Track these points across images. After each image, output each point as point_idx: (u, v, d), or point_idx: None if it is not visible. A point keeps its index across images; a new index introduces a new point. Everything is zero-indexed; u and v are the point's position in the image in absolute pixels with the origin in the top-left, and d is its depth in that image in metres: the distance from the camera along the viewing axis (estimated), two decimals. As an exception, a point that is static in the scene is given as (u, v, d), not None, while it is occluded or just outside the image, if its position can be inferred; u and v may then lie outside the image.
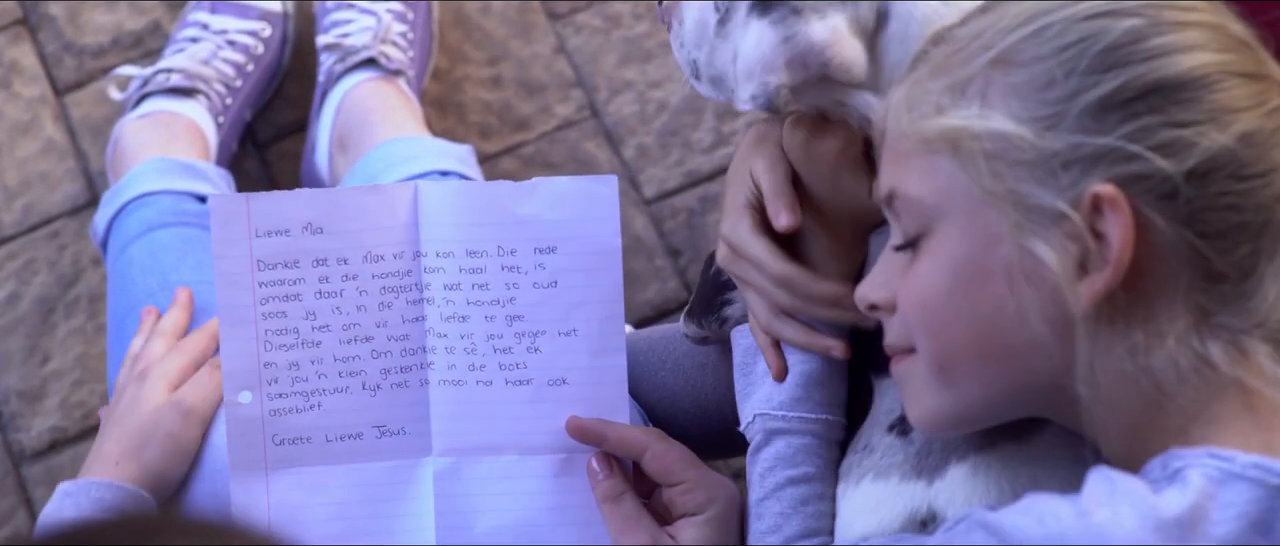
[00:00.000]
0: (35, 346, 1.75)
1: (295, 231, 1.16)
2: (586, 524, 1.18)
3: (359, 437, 1.18)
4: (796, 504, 1.09)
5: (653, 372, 1.26)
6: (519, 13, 1.85)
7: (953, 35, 0.94)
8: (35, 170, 1.81)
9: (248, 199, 1.16)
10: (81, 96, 1.84)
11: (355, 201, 1.17)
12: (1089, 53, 0.88)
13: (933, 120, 0.91)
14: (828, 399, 1.11)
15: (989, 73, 0.90)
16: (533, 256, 1.17)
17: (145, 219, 1.51)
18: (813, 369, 1.11)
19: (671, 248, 1.76)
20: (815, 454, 1.10)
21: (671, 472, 1.15)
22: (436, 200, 1.17)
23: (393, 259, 1.17)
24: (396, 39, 1.73)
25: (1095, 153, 0.87)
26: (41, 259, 1.78)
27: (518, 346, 1.18)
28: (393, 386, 1.18)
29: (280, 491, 1.18)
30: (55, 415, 1.72)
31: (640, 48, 1.83)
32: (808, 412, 1.11)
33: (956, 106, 0.90)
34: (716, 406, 1.24)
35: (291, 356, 1.17)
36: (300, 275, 1.17)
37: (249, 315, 1.16)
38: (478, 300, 1.17)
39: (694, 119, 1.80)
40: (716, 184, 1.78)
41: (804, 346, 1.11)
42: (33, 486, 1.70)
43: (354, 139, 1.66)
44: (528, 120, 1.81)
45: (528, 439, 1.19)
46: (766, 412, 1.11)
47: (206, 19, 1.76)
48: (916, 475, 1.05)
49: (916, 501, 1.04)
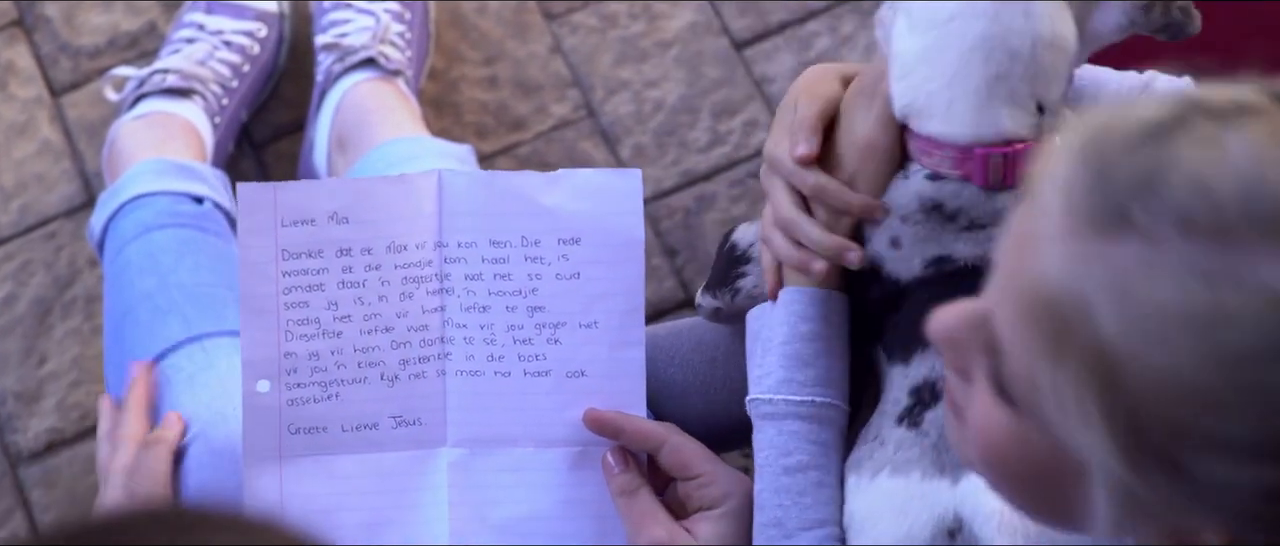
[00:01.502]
0: (32, 348, 1.75)
1: (321, 221, 1.16)
2: (601, 517, 1.18)
3: (375, 428, 1.18)
4: (795, 495, 1.09)
5: (661, 368, 1.26)
6: (515, 12, 1.85)
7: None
8: (31, 171, 1.81)
9: (275, 188, 1.16)
10: (77, 97, 1.84)
11: (381, 191, 1.17)
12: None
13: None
14: (816, 378, 1.10)
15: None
16: (557, 247, 1.17)
17: (142, 220, 1.51)
18: (798, 348, 1.10)
19: (668, 247, 1.76)
20: (807, 440, 1.09)
21: (689, 466, 1.15)
22: (460, 190, 1.17)
23: (415, 249, 1.17)
24: (395, 39, 1.73)
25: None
26: (38, 260, 1.78)
27: (538, 337, 1.18)
28: (411, 377, 1.18)
29: (293, 480, 1.17)
30: (52, 416, 1.72)
31: (636, 47, 1.83)
32: (792, 394, 1.09)
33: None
34: (725, 401, 1.24)
35: (312, 346, 1.17)
36: (324, 265, 1.16)
37: (272, 305, 1.16)
38: (500, 290, 1.18)
39: (690, 118, 1.80)
40: (713, 183, 1.78)
41: (819, 246, 1.09)
42: (30, 488, 1.70)
43: (353, 139, 1.66)
44: (524, 120, 1.81)
45: (544, 431, 1.19)
46: (756, 397, 1.11)
47: (202, 20, 1.75)
48: (938, 471, 1.05)
49: (942, 504, 1.04)
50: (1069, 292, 0.70)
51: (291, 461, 1.17)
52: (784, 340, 1.10)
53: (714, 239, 1.74)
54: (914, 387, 1.08)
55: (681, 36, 1.83)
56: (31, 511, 1.69)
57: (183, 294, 1.40)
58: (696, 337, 1.27)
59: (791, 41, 1.82)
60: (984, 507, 1.02)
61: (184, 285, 1.40)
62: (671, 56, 1.82)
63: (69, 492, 1.69)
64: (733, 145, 1.79)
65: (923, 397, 1.08)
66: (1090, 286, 0.69)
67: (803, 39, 1.82)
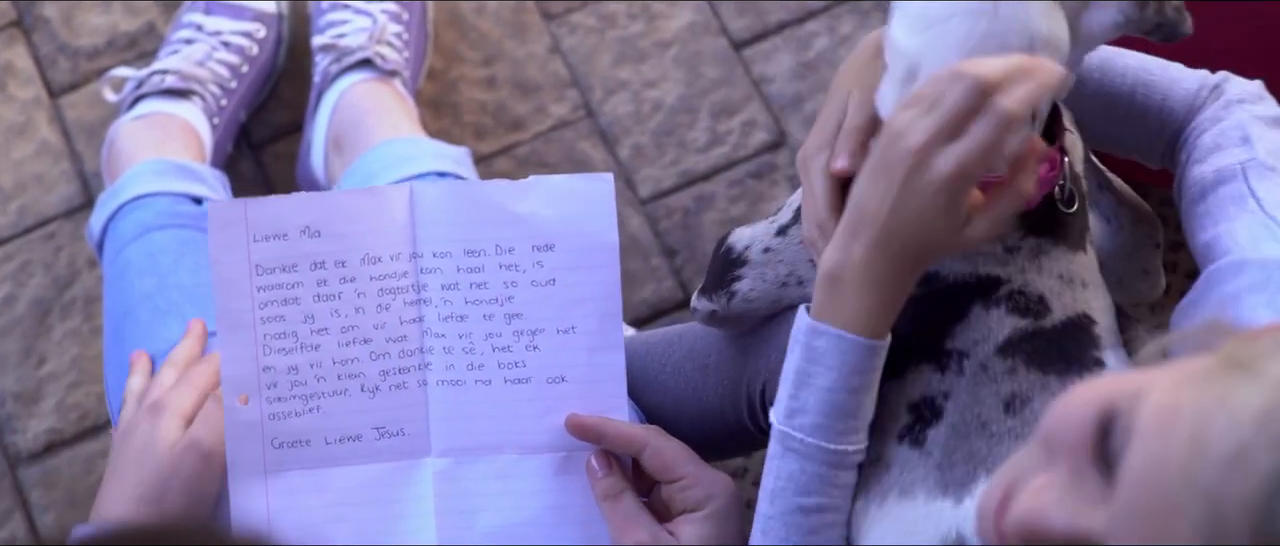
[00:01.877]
0: (31, 348, 1.75)
1: (293, 235, 1.16)
2: (586, 522, 1.19)
3: (358, 439, 1.18)
4: (806, 533, 1.07)
5: (654, 376, 1.26)
6: (514, 13, 1.85)
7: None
8: (30, 172, 1.81)
9: (245, 204, 1.16)
10: (76, 98, 1.84)
11: (352, 204, 1.17)
12: None
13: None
14: (854, 428, 1.06)
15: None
16: (531, 254, 1.18)
17: (141, 221, 1.51)
18: (843, 399, 1.05)
19: (667, 247, 1.76)
20: (830, 483, 1.06)
21: (671, 468, 1.15)
22: (433, 200, 1.17)
23: (390, 260, 1.17)
24: (392, 39, 1.73)
25: None
26: (37, 261, 1.78)
27: (516, 345, 1.18)
28: (391, 388, 1.18)
29: (279, 494, 1.18)
30: (51, 417, 1.72)
31: (635, 47, 1.83)
32: (826, 441, 1.06)
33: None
34: (718, 408, 1.24)
35: (290, 360, 1.17)
36: (298, 279, 1.17)
37: (247, 320, 1.16)
38: (476, 299, 1.18)
39: (689, 118, 1.80)
40: (712, 183, 1.78)
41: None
42: (29, 488, 1.70)
43: (350, 140, 1.66)
44: (523, 120, 1.81)
45: (526, 437, 1.19)
46: (788, 430, 1.07)
47: (201, 20, 1.75)
48: (942, 491, 1.04)
49: (945, 524, 1.03)
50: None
51: (277, 475, 1.18)
52: (829, 386, 1.05)
53: (713, 239, 1.74)
54: (912, 404, 1.08)
55: (680, 36, 1.83)
56: (31, 512, 1.69)
57: (182, 294, 1.40)
58: (689, 344, 1.27)
59: (790, 41, 1.82)
60: None
61: (184, 286, 1.40)
62: (670, 57, 1.82)
63: (68, 493, 1.69)
64: (731, 145, 1.79)
65: (923, 415, 1.07)
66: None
67: (801, 39, 1.82)
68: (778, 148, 1.78)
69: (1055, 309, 1.07)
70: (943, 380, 1.07)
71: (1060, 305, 1.07)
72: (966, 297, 1.07)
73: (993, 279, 1.07)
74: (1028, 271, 1.07)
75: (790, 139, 1.79)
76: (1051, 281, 1.07)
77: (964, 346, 1.07)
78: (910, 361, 1.08)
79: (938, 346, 1.07)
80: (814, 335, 1.04)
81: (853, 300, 1.02)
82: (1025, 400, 1.05)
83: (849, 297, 1.02)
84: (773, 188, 1.77)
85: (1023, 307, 1.07)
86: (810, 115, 1.79)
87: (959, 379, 1.07)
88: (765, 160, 1.78)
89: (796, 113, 1.79)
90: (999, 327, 1.07)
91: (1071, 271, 1.08)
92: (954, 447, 1.05)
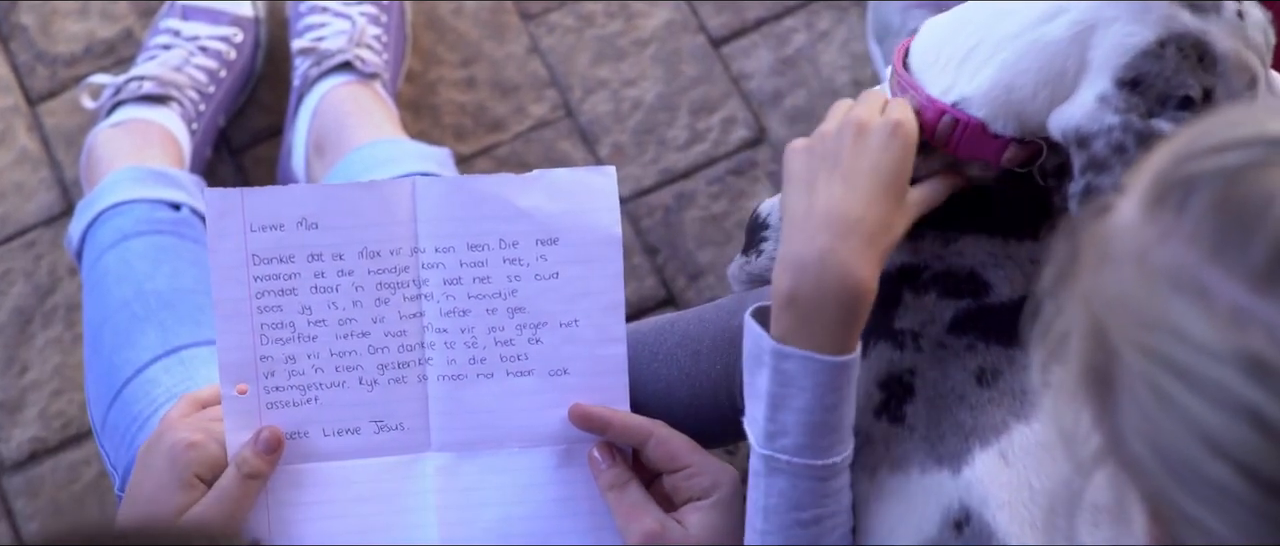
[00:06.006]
0: (13, 357, 1.75)
1: (290, 226, 1.16)
2: (592, 513, 1.19)
3: (356, 432, 1.18)
4: (809, 541, 1.07)
5: (645, 365, 1.26)
6: (492, 13, 1.85)
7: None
8: (10, 180, 1.81)
9: (242, 193, 1.16)
10: (55, 106, 1.83)
11: (351, 197, 1.17)
12: None
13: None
14: (838, 439, 1.05)
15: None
16: (535, 248, 1.18)
17: (119, 228, 1.51)
18: (822, 418, 1.04)
19: (649, 246, 1.76)
20: (823, 495, 1.06)
21: (676, 458, 1.15)
22: (436, 195, 1.17)
23: (389, 255, 1.17)
24: (371, 42, 1.73)
25: None
26: (18, 269, 1.78)
27: (519, 338, 1.18)
28: (390, 382, 1.18)
29: (279, 488, 1.18)
30: (35, 426, 1.72)
31: (613, 46, 1.83)
32: (814, 459, 1.05)
33: None
34: (712, 394, 1.24)
35: (288, 350, 1.17)
36: (295, 270, 1.17)
37: (245, 308, 1.16)
38: (479, 293, 1.18)
39: (668, 116, 1.80)
40: (692, 181, 1.78)
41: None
42: (13, 497, 1.70)
43: (331, 143, 1.66)
44: (502, 121, 1.81)
45: (528, 430, 1.19)
46: (772, 454, 1.05)
47: (178, 26, 1.75)
48: (936, 463, 1.05)
49: (946, 496, 1.04)
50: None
51: (277, 468, 1.18)
52: (806, 407, 1.04)
53: (694, 236, 1.75)
54: (881, 382, 1.09)
55: (658, 35, 1.83)
56: (15, 521, 1.69)
57: (159, 301, 1.40)
58: (680, 332, 1.27)
59: (768, 38, 1.82)
60: (995, 496, 1.02)
61: (160, 292, 1.40)
62: (649, 55, 1.82)
63: (53, 501, 1.69)
64: (711, 142, 1.79)
65: (894, 391, 1.08)
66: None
67: (779, 35, 1.82)
68: (758, 144, 1.79)
69: (998, 286, 1.07)
70: (903, 357, 1.08)
71: (1008, 285, 1.07)
72: (894, 286, 1.09)
73: (911, 267, 1.09)
74: (947, 257, 1.08)
75: (770, 135, 1.79)
76: (982, 257, 1.08)
77: (913, 327, 1.08)
78: (872, 338, 1.09)
79: (888, 327, 1.09)
80: (781, 358, 1.03)
81: (814, 319, 1.02)
82: (996, 373, 1.06)
83: (810, 317, 1.02)
84: (753, 184, 1.77)
85: (954, 289, 1.07)
86: (789, 111, 1.79)
87: (919, 355, 1.08)
88: (745, 157, 1.78)
89: (776, 109, 1.79)
90: (939, 309, 1.08)
91: (1017, 253, 1.08)
92: (937, 420, 1.05)
